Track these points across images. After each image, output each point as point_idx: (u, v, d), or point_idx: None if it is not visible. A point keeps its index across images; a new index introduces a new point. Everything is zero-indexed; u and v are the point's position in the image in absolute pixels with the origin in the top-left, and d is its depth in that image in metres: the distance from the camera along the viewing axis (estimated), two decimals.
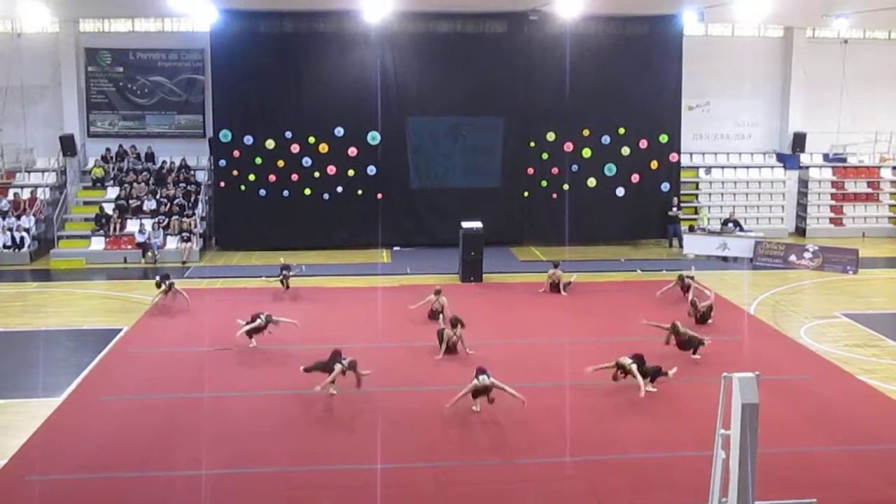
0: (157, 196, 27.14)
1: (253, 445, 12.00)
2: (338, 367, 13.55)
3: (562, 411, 12.98)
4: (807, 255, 24.69)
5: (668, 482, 10.87)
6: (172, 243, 25.88)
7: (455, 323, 16.13)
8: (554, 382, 14.35)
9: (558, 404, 13.27)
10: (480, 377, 12.87)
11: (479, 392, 12.85)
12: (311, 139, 26.79)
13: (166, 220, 26.32)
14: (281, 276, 21.07)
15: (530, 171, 27.71)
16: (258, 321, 16.29)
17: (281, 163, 26.81)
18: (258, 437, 12.27)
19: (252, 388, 14.33)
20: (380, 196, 27.15)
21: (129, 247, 25.71)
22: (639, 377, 13.65)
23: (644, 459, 11.59)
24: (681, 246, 26.97)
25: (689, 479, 10.56)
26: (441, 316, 17.79)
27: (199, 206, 27.34)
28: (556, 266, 21.40)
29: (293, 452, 11.84)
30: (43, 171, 28.50)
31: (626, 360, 13.85)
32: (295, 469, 11.33)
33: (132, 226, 26.11)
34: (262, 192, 26.89)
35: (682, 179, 28.75)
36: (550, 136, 27.50)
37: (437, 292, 18.37)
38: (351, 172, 27.04)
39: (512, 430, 12.51)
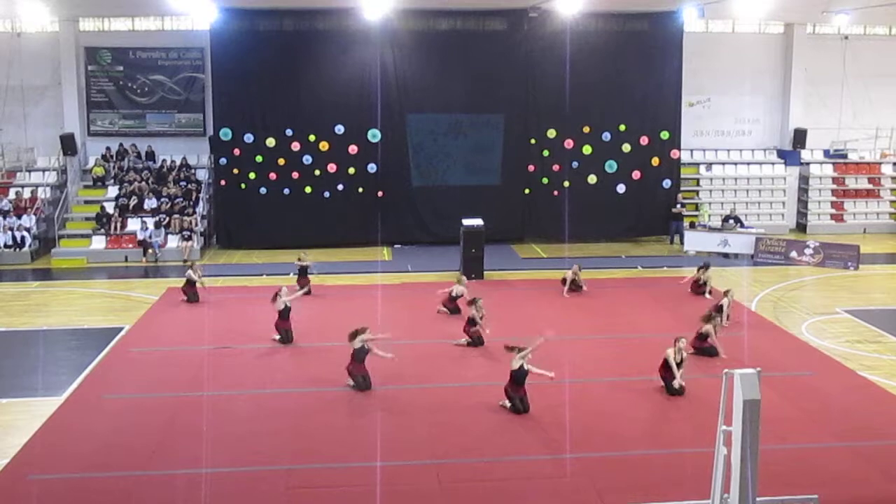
0: (158, 195, 27.13)
1: (254, 444, 11.99)
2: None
3: (563, 408, 12.99)
4: (808, 251, 24.67)
5: (670, 478, 10.87)
6: (173, 242, 25.88)
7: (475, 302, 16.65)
8: (556, 380, 14.31)
9: (560, 401, 13.27)
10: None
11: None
12: (312, 137, 26.77)
13: (167, 218, 26.32)
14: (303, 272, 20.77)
15: (531, 168, 27.70)
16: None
17: (281, 161, 26.78)
18: (260, 436, 12.27)
19: (253, 387, 14.33)
20: (380, 194, 27.15)
21: (130, 246, 25.72)
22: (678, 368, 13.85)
23: (646, 456, 11.59)
24: (682, 243, 26.98)
25: (690, 476, 10.59)
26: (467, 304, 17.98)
27: (200, 204, 27.32)
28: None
29: (295, 451, 11.84)
30: (43, 171, 28.48)
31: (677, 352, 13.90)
32: (296, 467, 11.32)
33: (133, 225, 26.11)
34: (263, 190, 26.88)
35: (682, 176, 28.77)
36: (551, 133, 27.48)
37: (459, 281, 18.96)
38: (351, 170, 27.03)
39: (514, 427, 12.51)
